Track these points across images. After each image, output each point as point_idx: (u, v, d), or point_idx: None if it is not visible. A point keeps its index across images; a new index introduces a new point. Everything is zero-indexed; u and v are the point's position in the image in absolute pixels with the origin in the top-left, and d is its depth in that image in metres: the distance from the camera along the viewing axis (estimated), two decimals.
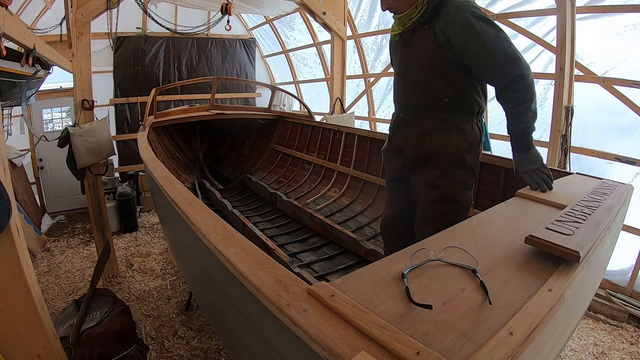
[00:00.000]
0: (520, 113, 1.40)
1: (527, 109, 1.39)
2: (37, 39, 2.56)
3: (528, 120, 1.41)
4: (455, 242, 0.98)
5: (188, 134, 4.95)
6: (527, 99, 1.38)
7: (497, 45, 1.38)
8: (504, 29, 4.13)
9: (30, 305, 1.42)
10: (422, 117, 1.59)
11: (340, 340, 0.63)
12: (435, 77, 1.50)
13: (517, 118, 1.41)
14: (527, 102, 1.38)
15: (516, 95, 1.39)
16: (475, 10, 1.41)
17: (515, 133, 1.45)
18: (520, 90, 1.38)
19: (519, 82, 1.38)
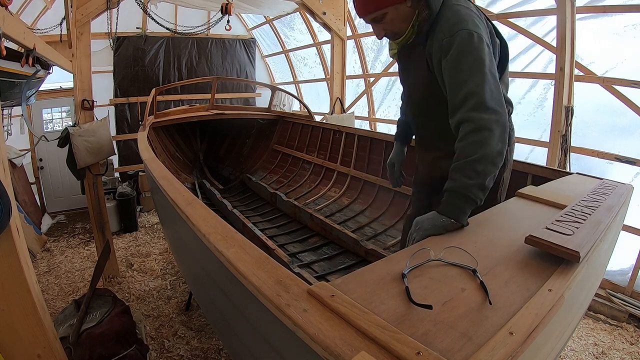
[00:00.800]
0: (455, 169, 1.11)
1: (464, 167, 1.09)
2: (37, 39, 2.56)
3: (457, 180, 1.09)
4: (455, 242, 0.98)
5: (188, 134, 4.96)
6: (470, 153, 1.09)
7: (467, 79, 1.13)
8: (504, 29, 4.13)
9: (30, 305, 1.41)
10: (429, 148, 1.51)
11: (340, 340, 0.63)
12: (435, 108, 1.34)
13: (451, 174, 1.13)
14: (468, 158, 1.08)
15: (459, 145, 1.13)
16: (464, 31, 1.15)
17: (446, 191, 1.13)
18: (464, 141, 1.11)
19: (466, 130, 1.11)
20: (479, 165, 1.08)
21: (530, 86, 3.85)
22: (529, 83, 3.84)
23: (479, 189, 1.08)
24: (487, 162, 1.08)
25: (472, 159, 1.08)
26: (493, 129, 1.08)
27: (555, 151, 3.28)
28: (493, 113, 1.09)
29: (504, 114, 1.12)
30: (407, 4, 1.23)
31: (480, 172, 1.07)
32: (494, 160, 1.09)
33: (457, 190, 1.09)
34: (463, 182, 1.08)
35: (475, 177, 1.07)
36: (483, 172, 1.08)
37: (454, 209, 1.08)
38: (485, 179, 1.08)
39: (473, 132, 1.10)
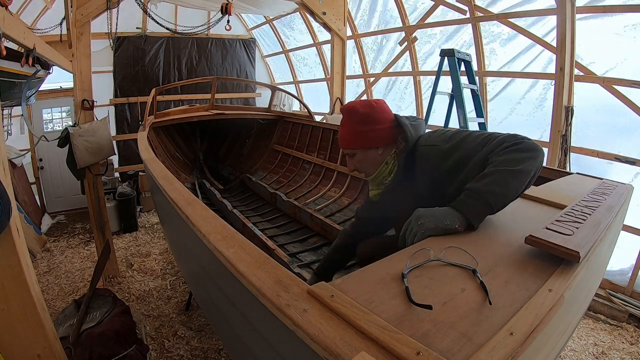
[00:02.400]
0: (487, 174, 1.06)
1: (496, 173, 1.04)
2: (37, 39, 2.56)
3: (485, 184, 1.04)
4: (455, 242, 0.98)
5: (188, 134, 4.96)
6: (510, 164, 1.05)
7: (482, 134, 1.19)
8: (504, 29, 4.14)
9: (30, 305, 1.42)
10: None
11: (340, 341, 0.63)
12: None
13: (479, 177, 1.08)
14: (506, 167, 1.04)
15: (498, 157, 1.08)
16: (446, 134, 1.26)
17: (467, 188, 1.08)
18: (506, 155, 1.07)
19: (513, 146, 1.10)
20: (513, 178, 1.03)
21: (530, 86, 3.85)
22: (529, 83, 3.85)
23: (500, 201, 1.03)
24: (521, 178, 1.04)
25: (509, 170, 1.03)
26: (539, 154, 1.08)
27: (555, 151, 3.28)
28: (536, 146, 1.09)
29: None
30: (378, 152, 1.32)
31: (510, 186, 1.03)
32: (525, 180, 1.05)
33: (479, 194, 1.03)
34: (490, 188, 1.03)
35: (502, 187, 1.02)
36: (513, 187, 1.03)
37: (471, 210, 1.03)
38: (509, 194, 1.03)
39: (521, 150, 1.07)
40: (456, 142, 1.20)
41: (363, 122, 1.30)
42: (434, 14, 4.44)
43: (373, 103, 1.33)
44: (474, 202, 1.03)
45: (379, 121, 1.30)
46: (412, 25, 4.72)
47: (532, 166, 1.05)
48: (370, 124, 1.30)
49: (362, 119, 1.30)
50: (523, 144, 1.08)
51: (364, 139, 1.31)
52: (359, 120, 1.30)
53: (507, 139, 1.11)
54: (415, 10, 4.69)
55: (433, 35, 4.70)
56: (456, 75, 3.40)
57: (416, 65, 4.95)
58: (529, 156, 1.05)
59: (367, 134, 1.30)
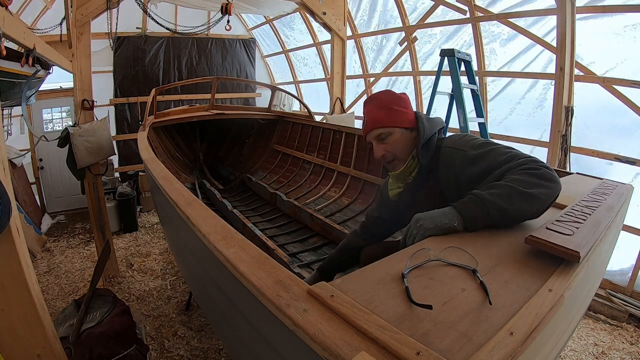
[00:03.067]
0: (496, 186, 1.05)
1: (506, 188, 1.02)
2: (37, 39, 2.56)
3: (489, 193, 1.02)
4: (455, 242, 0.98)
5: (188, 134, 4.96)
6: (521, 185, 1.01)
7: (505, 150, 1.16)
8: (504, 29, 4.13)
9: (30, 305, 1.42)
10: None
11: (340, 341, 0.63)
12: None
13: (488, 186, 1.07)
14: (516, 186, 1.02)
15: (514, 175, 1.06)
16: (473, 141, 1.23)
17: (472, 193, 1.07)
18: (524, 175, 1.04)
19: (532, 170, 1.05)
20: (520, 198, 1.00)
21: (530, 86, 3.85)
22: (529, 83, 3.85)
23: (500, 215, 1.01)
24: (528, 201, 1.00)
25: (519, 190, 1.00)
26: (554, 185, 1.04)
27: (555, 151, 3.28)
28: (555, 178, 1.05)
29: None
30: (412, 134, 1.29)
31: (514, 204, 1.00)
32: (533, 206, 1.02)
33: (482, 201, 1.02)
34: (494, 199, 1.01)
35: (507, 203, 1.00)
36: (517, 206, 1.00)
37: (470, 213, 1.03)
38: (510, 211, 1.01)
39: (538, 176, 1.03)
40: (484, 152, 1.17)
41: (397, 103, 1.29)
42: (434, 14, 4.44)
43: (391, 91, 1.33)
44: (475, 207, 1.03)
45: (403, 105, 1.30)
46: (412, 25, 4.72)
47: (543, 195, 1.02)
48: (402, 106, 1.29)
49: (396, 100, 1.29)
50: (542, 171, 1.04)
51: (400, 116, 1.27)
52: (393, 100, 1.29)
53: (529, 162, 1.08)
54: (415, 10, 4.70)
55: (433, 35, 4.70)
56: (456, 75, 3.40)
57: (416, 65, 4.95)
58: (543, 184, 1.02)
59: (403, 113, 1.28)
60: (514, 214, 1.02)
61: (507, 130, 4.08)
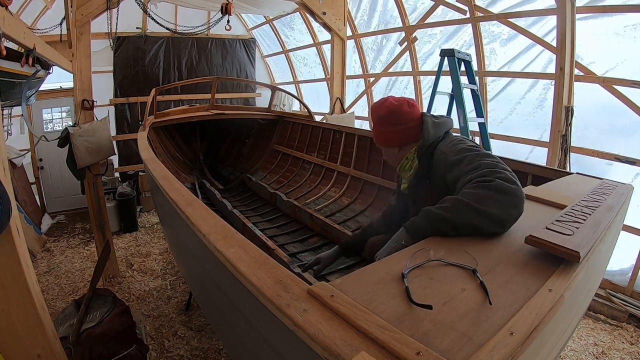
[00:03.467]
0: (447, 200, 1.09)
1: (454, 201, 1.05)
2: (37, 39, 2.56)
3: (444, 207, 1.06)
4: (455, 242, 0.98)
5: (188, 134, 4.95)
6: (472, 195, 1.03)
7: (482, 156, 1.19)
8: (504, 29, 4.14)
9: (30, 305, 1.42)
10: None
11: (340, 341, 0.63)
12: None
13: (443, 201, 1.10)
14: (464, 198, 1.04)
15: (465, 190, 1.08)
16: (459, 145, 1.28)
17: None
18: (475, 189, 1.05)
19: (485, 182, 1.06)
20: (467, 212, 1.01)
21: (530, 86, 3.85)
22: (529, 83, 3.85)
23: (447, 226, 1.04)
24: (476, 215, 1.00)
25: (467, 203, 1.02)
26: (508, 199, 1.01)
27: (555, 151, 3.28)
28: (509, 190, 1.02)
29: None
30: (394, 151, 1.47)
31: (461, 216, 1.02)
32: (480, 221, 1.00)
33: (427, 215, 1.08)
34: (439, 212, 1.06)
35: (455, 215, 1.03)
36: (465, 219, 1.01)
37: (414, 228, 1.12)
38: (457, 222, 1.02)
39: (489, 188, 1.02)
40: (459, 159, 1.22)
41: (381, 124, 1.44)
42: (434, 14, 4.44)
43: (392, 105, 1.41)
44: (421, 220, 1.11)
45: (396, 123, 1.40)
46: (412, 25, 4.72)
47: (493, 209, 1.00)
48: (387, 125, 1.43)
49: (380, 121, 1.44)
50: (495, 183, 1.02)
51: (383, 138, 1.47)
52: (378, 122, 1.46)
53: (488, 174, 1.08)
54: (415, 10, 4.69)
55: (433, 35, 4.70)
56: (456, 75, 3.40)
57: (416, 65, 4.95)
58: (493, 197, 1.00)
59: (385, 134, 1.45)
60: (461, 224, 1.02)
61: (507, 130, 4.08)
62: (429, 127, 1.37)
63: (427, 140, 1.36)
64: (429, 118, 1.40)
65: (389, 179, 3.21)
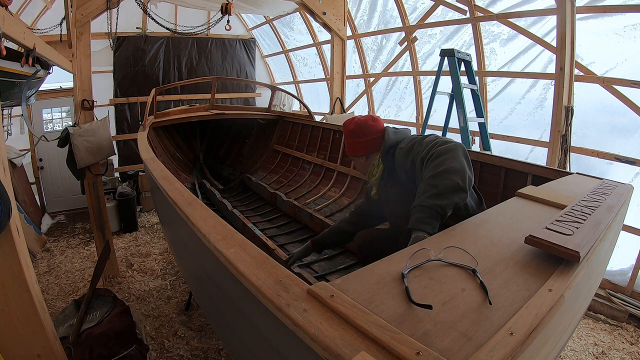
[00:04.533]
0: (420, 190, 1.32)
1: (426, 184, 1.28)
2: (37, 39, 2.56)
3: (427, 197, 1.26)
4: (455, 242, 0.98)
5: (188, 134, 4.95)
6: (431, 168, 1.30)
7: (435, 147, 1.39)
8: (504, 29, 4.13)
9: (30, 305, 1.41)
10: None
11: (340, 340, 0.63)
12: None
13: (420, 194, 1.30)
14: (430, 173, 1.29)
15: (425, 173, 1.33)
16: (409, 136, 1.58)
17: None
18: (429, 167, 1.32)
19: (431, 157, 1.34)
20: (441, 180, 1.26)
21: (530, 86, 3.85)
22: (529, 83, 3.85)
23: (441, 205, 1.23)
24: (447, 176, 1.25)
25: (433, 175, 1.28)
26: (453, 149, 1.31)
27: (555, 151, 3.28)
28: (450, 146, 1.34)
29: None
30: (361, 160, 1.71)
31: (440, 188, 1.25)
32: (454, 174, 1.26)
33: (424, 206, 1.25)
34: (429, 201, 1.25)
35: (436, 193, 1.25)
36: (443, 186, 1.25)
37: (423, 223, 1.23)
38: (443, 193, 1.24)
39: (437, 155, 1.31)
40: (410, 146, 1.47)
41: (350, 136, 1.68)
42: (434, 14, 4.44)
43: (359, 120, 1.66)
44: (421, 214, 1.23)
45: (363, 134, 1.64)
46: (412, 25, 4.72)
47: (449, 164, 1.26)
48: (355, 137, 1.66)
49: (349, 134, 1.69)
50: (437, 150, 1.32)
51: (352, 149, 1.71)
52: (348, 135, 1.70)
53: (428, 150, 1.35)
54: (415, 10, 4.69)
55: (433, 35, 4.70)
56: (456, 75, 3.40)
57: (416, 65, 4.95)
58: (443, 159, 1.28)
59: (354, 145, 1.69)
60: (445, 192, 1.23)
61: (507, 130, 4.08)
62: (390, 134, 1.61)
63: (387, 143, 1.58)
64: (389, 129, 1.65)
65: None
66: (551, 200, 1.28)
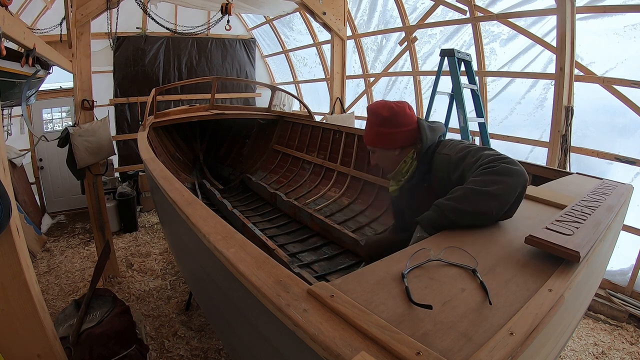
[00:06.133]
0: (455, 190, 1.15)
1: (463, 190, 1.12)
2: (37, 39, 2.56)
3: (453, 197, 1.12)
4: (455, 242, 0.98)
5: (188, 134, 4.95)
6: (478, 182, 1.10)
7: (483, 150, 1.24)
8: (504, 29, 4.13)
9: (30, 305, 1.42)
10: None
11: (340, 341, 0.63)
12: None
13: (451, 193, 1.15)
14: (471, 185, 1.10)
15: (472, 178, 1.13)
16: (459, 145, 1.33)
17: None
18: (480, 176, 1.11)
19: (488, 168, 1.13)
20: (475, 197, 1.07)
21: (530, 86, 3.85)
22: (529, 83, 3.85)
23: (457, 214, 1.08)
24: (484, 198, 1.06)
25: (474, 189, 1.08)
26: (512, 178, 1.06)
27: (555, 151, 3.28)
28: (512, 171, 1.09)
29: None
30: (395, 152, 1.44)
31: (470, 203, 1.07)
32: (491, 201, 1.06)
33: (439, 206, 1.12)
34: (448, 202, 1.10)
35: (463, 203, 1.08)
36: (474, 204, 1.07)
37: (427, 220, 1.14)
38: (467, 209, 1.07)
39: (494, 173, 1.09)
40: (462, 155, 1.26)
41: (384, 124, 1.40)
42: (434, 14, 4.44)
43: (395, 107, 1.39)
44: (432, 213, 1.13)
45: (399, 124, 1.39)
46: (412, 25, 4.72)
47: (500, 190, 1.06)
48: (390, 127, 1.39)
49: (383, 122, 1.40)
50: (499, 167, 1.10)
51: (383, 140, 1.42)
52: (380, 123, 1.41)
53: (492, 162, 1.14)
54: (415, 10, 4.69)
55: (433, 35, 4.70)
56: (456, 75, 3.39)
57: (416, 65, 4.95)
58: (498, 180, 1.07)
59: (387, 136, 1.41)
60: (473, 212, 1.07)
61: (507, 130, 4.08)
62: (426, 131, 1.38)
63: (425, 143, 1.37)
64: (424, 122, 1.41)
65: (389, 179, 3.21)
66: (551, 200, 1.28)
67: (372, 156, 1.51)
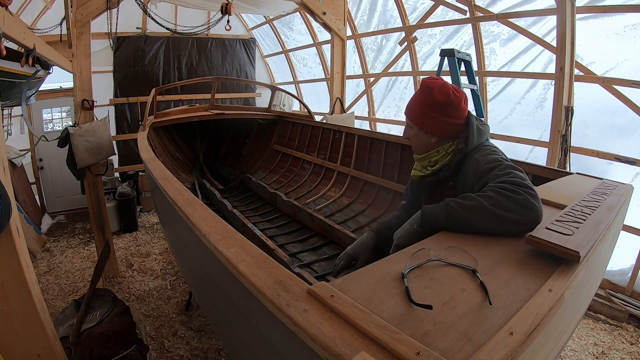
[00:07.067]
0: (469, 197, 1.08)
1: (476, 201, 1.05)
2: (37, 39, 2.56)
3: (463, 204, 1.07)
4: (455, 242, 0.98)
5: (188, 134, 4.95)
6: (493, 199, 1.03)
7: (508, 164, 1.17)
8: (504, 29, 4.12)
9: (30, 305, 1.42)
10: None
11: (340, 341, 0.63)
12: None
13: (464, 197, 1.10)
14: (484, 201, 1.03)
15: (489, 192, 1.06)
16: (491, 156, 1.24)
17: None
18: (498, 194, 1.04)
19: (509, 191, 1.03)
20: (484, 215, 1.02)
21: (530, 86, 3.85)
22: (529, 83, 3.85)
23: (458, 223, 1.06)
24: (491, 219, 1.01)
25: (486, 207, 1.02)
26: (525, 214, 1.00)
27: (555, 151, 3.28)
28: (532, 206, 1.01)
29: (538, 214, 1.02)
30: (432, 139, 1.33)
31: (477, 217, 1.03)
32: (496, 226, 1.02)
33: (446, 206, 1.09)
34: (456, 207, 1.07)
35: (469, 215, 1.04)
36: (478, 219, 1.03)
37: (428, 214, 1.13)
38: (471, 224, 1.04)
39: (510, 199, 1.01)
40: (490, 167, 1.19)
41: (433, 108, 1.29)
42: (434, 14, 4.44)
43: (451, 95, 1.28)
44: (439, 213, 1.10)
45: (449, 115, 1.29)
46: (412, 25, 4.72)
47: (512, 220, 1.01)
48: (439, 113, 1.29)
49: (433, 104, 1.29)
50: (522, 197, 1.01)
51: (426, 122, 1.31)
52: (429, 104, 1.30)
53: (516, 184, 1.05)
54: (415, 10, 4.69)
55: (433, 35, 4.70)
56: (456, 75, 3.39)
57: (416, 65, 4.94)
58: (514, 209, 1.01)
59: (431, 120, 1.30)
60: (476, 227, 1.04)
61: (507, 130, 4.08)
62: (474, 133, 1.29)
63: (470, 145, 1.28)
64: (475, 120, 1.31)
65: (388, 179, 3.21)
66: (551, 200, 1.28)
67: (407, 130, 1.41)
